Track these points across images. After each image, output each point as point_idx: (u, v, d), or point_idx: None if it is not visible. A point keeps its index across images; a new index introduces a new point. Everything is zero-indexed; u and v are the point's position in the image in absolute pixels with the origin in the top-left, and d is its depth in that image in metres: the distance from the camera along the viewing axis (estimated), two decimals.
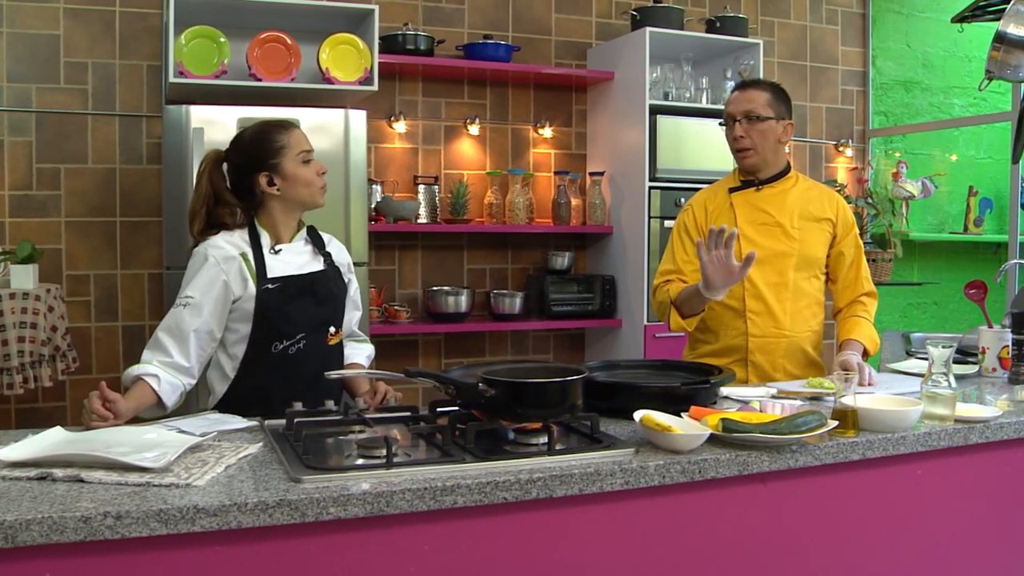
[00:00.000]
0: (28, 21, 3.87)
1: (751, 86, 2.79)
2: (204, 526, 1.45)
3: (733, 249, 2.43)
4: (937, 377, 2.07)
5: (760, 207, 2.79)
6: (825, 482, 1.92)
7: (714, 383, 2.10)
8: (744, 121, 2.71)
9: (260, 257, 2.30)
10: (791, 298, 2.76)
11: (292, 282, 2.32)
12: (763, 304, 2.74)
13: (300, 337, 2.29)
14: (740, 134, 2.72)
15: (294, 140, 2.32)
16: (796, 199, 2.80)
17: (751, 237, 2.74)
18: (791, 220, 2.77)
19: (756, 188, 2.80)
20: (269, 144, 2.30)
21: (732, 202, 2.81)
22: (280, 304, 2.27)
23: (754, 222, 2.77)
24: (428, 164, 4.59)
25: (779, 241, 2.76)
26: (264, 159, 2.30)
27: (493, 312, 4.53)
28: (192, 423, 1.98)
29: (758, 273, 2.71)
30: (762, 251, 2.70)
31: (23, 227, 3.89)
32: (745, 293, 2.73)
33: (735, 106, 2.75)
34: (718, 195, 2.86)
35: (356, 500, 1.52)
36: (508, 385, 1.77)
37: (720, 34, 4.57)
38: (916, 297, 5.51)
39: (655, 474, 1.71)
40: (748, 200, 2.80)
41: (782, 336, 2.75)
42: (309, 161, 2.33)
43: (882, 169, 5.30)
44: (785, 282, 2.75)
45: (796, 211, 2.78)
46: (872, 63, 5.39)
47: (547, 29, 4.77)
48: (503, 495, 1.60)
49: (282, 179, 2.31)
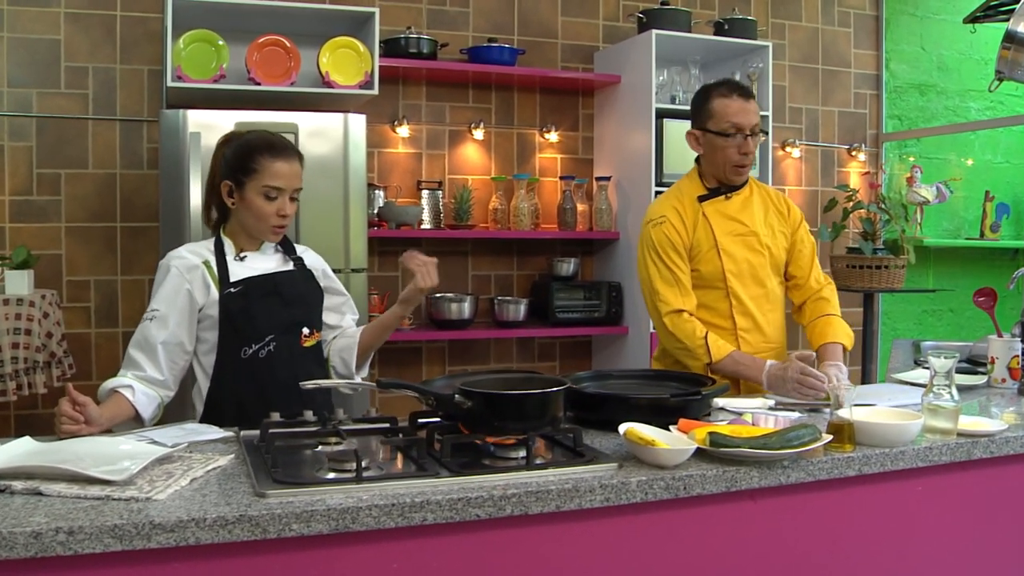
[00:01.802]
0: (29, 26, 3.86)
1: (751, 95, 2.65)
2: (161, 542, 1.40)
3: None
4: (939, 389, 1.99)
5: (733, 216, 2.68)
6: (819, 499, 1.84)
7: (705, 395, 2.03)
8: (751, 136, 2.59)
9: (223, 264, 2.27)
10: (772, 308, 2.70)
11: (255, 283, 2.27)
12: (751, 320, 2.65)
13: (269, 339, 2.24)
14: (752, 150, 2.60)
15: (270, 170, 2.22)
16: (757, 205, 2.72)
17: (730, 250, 2.64)
18: (762, 227, 2.69)
19: (726, 197, 2.69)
20: (246, 161, 2.24)
21: (704, 212, 2.67)
22: (244, 307, 2.23)
23: (730, 233, 2.66)
24: (432, 169, 4.54)
25: (755, 251, 2.67)
26: (235, 171, 2.26)
27: (497, 319, 4.47)
28: (166, 433, 1.93)
29: (741, 287, 2.64)
30: (742, 263, 2.64)
31: (23, 232, 3.87)
32: (732, 310, 2.64)
33: (745, 118, 2.59)
34: (686, 206, 2.67)
35: (320, 516, 1.46)
36: (485, 397, 1.71)
37: (728, 36, 4.50)
38: (931, 304, 5.40)
39: (637, 490, 1.64)
40: (719, 210, 2.68)
41: (770, 349, 2.67)
42: (274, 198, 2.24)
43: (896, 174, 5.20)
44: (766, 292, 2.68)
45: (762, 217, 2.70)
46: (885, 66, 5.29)
47: (553, 32, 4.71)
48: (475, 512, 1.54)
49: (240, 198, 2.27)
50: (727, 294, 2.64)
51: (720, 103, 2.62)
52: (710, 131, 2.63)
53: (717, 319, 2.63)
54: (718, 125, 2.61)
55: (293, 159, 2.28)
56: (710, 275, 2.64)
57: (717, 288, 2.64)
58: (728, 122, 2.60)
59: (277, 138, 2.30)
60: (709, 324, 2.62)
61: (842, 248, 4.70)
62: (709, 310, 2.64)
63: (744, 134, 2.59)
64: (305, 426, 1.92)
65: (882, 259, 4.46)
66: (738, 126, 2.58)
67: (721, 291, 2.64)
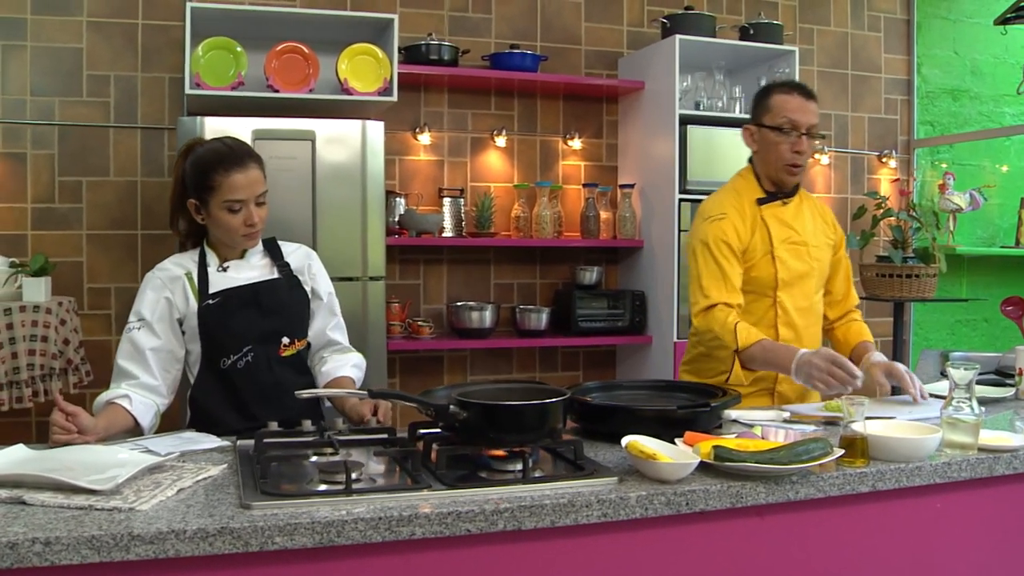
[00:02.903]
0: (52, 35, 3.89)
1: (812, 95, 2.54)
2: (140, 554, 1.36)
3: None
4: (959, 402, 1.90)
5: (787, 223, 2.59)
6: (831, 517, 1.77)
7: (714, 406, 1.96)
8: (806, 136, 2.50)
9: (204, 275, 2.26)
10: (813, 322, 2.62)
11: (233, 294, 2.24)
12: (794, 331, 2.57)
13: (247, 350, 2.21)
14: (805, 149, 2.51)
15: (227, 185, 2.17)
16: (808, 214, 2.64)
17: (784, 258, 2.55)
18: (812, 238, 2.61)
19: (783, 202, 2.60)
20: (203, 179, 2.20)
21: (763, 216, 2.58)
22: (221, 318, 2.21)
23: (786, 241, 2.57)
24: (454, 176, 4.51)
25: (804, 261, 2.58)
26: (196, 189, 2.23)
27: (519, 328, 4.42)
28: (162, 442, 1.91)
29: (789, 298, 2.56)
30: (793, 274, 2.56)
31: (45, 239, 3.90)
32: (777, 320, 2.56)
33: (803, 116, 2.49)
34: (745, 206, 2.58)
35: (304, 529, 1.42)
36: (481, 408, 1.66)
37: (754, 41, 4.42)
38: (965, 314, 5.26)
39: (637, 506, 1.58)
40: (776, 215, 2.59)
41: None
42: (238, 210, 2.20)
43: (928, 181, 5.07)
44: (811, 305, 2.61)
45: (811, 228, 2.62)
46: (917, 71, 5.17)
47: (577, 38, 4.66)
48: (466, 527, 1.49)
49: (207, 215, 2.24)
50: (774, 303, 2.55)
51: (779, 98, 2.54)
52: (765, 126, 2.54)
53: (761, 328, 2.54)
54: (774, 120, 2.52)
55: (249, 167, 2.20)
56: (762, 282, 2.55)
57: (766, 296, 2.56)
58: (784, 117, 2.51)
59: (229, 148, 2.23)
60: None
61: (872, 257, 4.59)
62: (754, 317, 2.55)
63: (799, 132, 2.49)
64: (302, 436, 1.88)
65: (912, 268, 4.35)
66: (794, 123, 2.49)
67: (769, 300, 2.56)
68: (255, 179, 2.22)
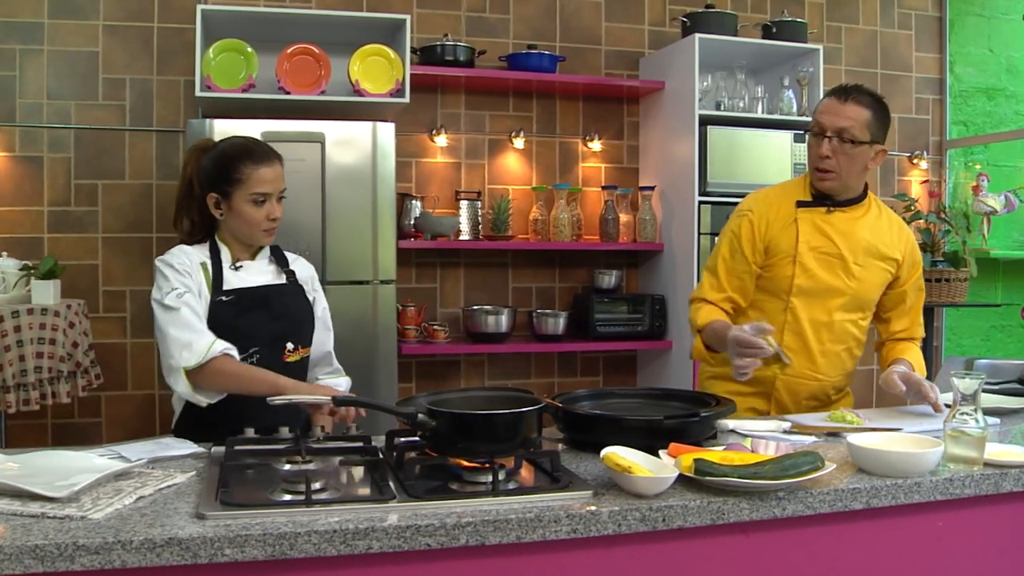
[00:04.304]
0: (68, 39, 3.91)
1: (852, 97, 2.37)
2: (84, 564, 1.32)
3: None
4: (963, 414, 1.80)
5: (825, 232, 2.44)
6: (821, 535, 1.68)
7: (704, 416, 1.87)
8: (835, 139, 2.35)
9: (219, 271, 2.23)
10: (831, 340, 2.47)
11: (247, 294, 2.23)
12: (801, 341, 2.45)
13: (253, 351, 2.17)
14: (827, 153, 2.37)
15: (255, 178, 2.19)
16: (866, 231, 2.46)
17: (807, 265, 2.43)
18: (855, 255, 2.44)
19: (827, 210, 2.46)
20: (230, 171, 2.20)
21: (797, 219, 2.46)
22: (233, 316, 2.17)
23: (815, 248, 2.44)
24: (471, 179, 4.45)
25: (836, 276, 2.44)
26: (219, 182, 2.22)
27: (536, 332, 4.35)
28: (135, 448, 1.87)
29: (803, 307, 2.44)
30: (815, 283, 2.44)
31: (61, 242, 3.92)
32: (786, 327, 2.44)
33: (829, 118, 2.37)
34: (783, 206, 2.48)
35: (255, 541, 1.37)
36: (450, 417, 1.60)
37: (777, 40, 4.31)
38: (1000, 319, 5.08)
39: (609, 521, 1.51)
40: (814, 221, 2.45)
41: (814, 379, 2.47)
42: (262, 203, 2.21)
43: (961, 182, 4.91)
44: (830, 322, 2.46)
45: (863, 245, 2.45)
46: (950, 69, 5.01)
47: (596, 38, 4.59)
48: (426, 541, 1.43)
49: (228, 208, 2.23)
50: (786, 307, 2.45)
51: (822, 102, 2.45)
52: (807, 129, 2.49)
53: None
54: (811, 124, 2.46)
55: (274, 162, 2.24)
56: (777, 283, 2.46)
57: (780, 299, 2.46)
58: (815, 120, 2.43)
59: (256, 143, 2.27)
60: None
61: None
62: (766, 318, 2.43)
63: (825, 135, 2.37)
64: (277, 443, 1.83)
65: (942, 272, 4.21)
66: (820, 125, 2.39)
67: (782, 303, 2.45)
68: (279, 175, 2.26)
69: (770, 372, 2.45)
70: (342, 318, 3.60)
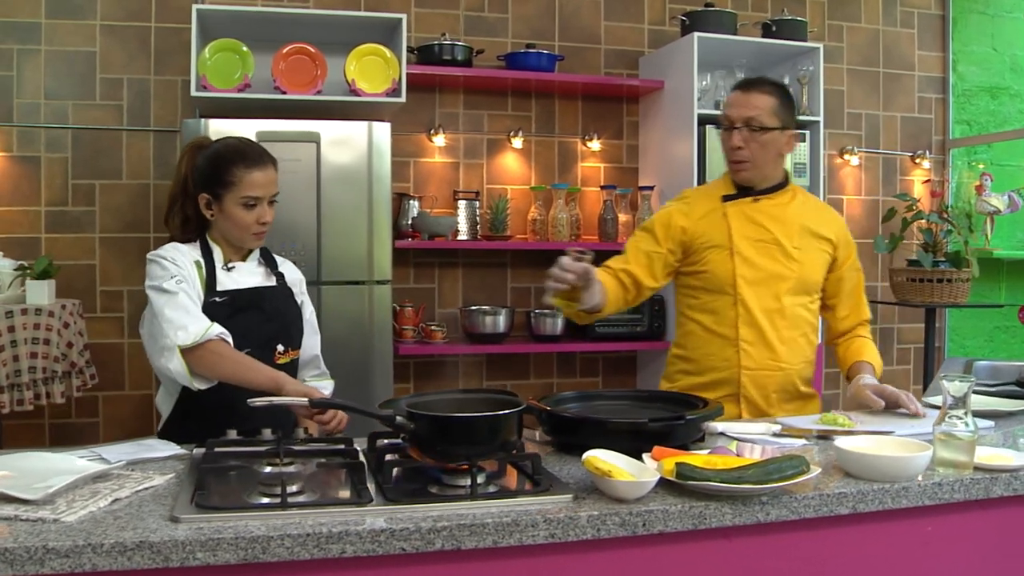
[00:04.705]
0: (66, 39, 3.91)
1: (755, 88, 2.45)
2: (54, 568, 1.31)
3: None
4: (953, 417, 1.77)
5: (757, 220, 2.48)
6: (807, 540, 1.65)
7: (690, 419, 1.85)
8: (744, 129, 2.41)
9: (212, 270, 2.22)
10: (786, 326, 2.46)
11: (240, 295, 2.23)
12: (757, 332, 2.43)
13: (246, 352, 2.16)
14: (739, 144, 2.42)
15: (247, 182, 2.19)
16: (796, 214, 2.50)
17: (746, 255, 2.44)
18: (791, 239, 2.47)
19: (753, 199, 2.49)
20: (222, 173, 2.20)
21: (726, 212, 2.50)
22: (226, 317, 2.16)
23: (750, 237, 2.46)
24: (470, 179, 4.44)
25: (777, 261, 2.45)
26: (211, 183, 2.21)
27: (534, 333, 4.33)
28: (116, 450, 1.86)
29: (752, 297, 2.43)
30: (758, 271, 2.43)
31: (59, 243, 3.92)
32: (738, 319, 2.43)
33: (735, 110, 2.43)
34: (711, 200, 2.53)
35: (227, 545, 1.36)
36: (428, 419, 1.58)
37: (777, 38, 4.28)
38: (1004, 320, 5.03)
39: (588, 526, 1.49)
40: (744, 212, 2.49)
41: (777, 368, 2.45)
42: (253, 206, 2.20)
43: (964, 182, 4.87)
44: (781, 308, 2.45)
45: (796, 228, 2.48)
46: (952, 68, 4.97)
47: (596, 37, 4.57)
48: (400, 545, 1.41)
49: (219, 210, 2.22)
50: (735, 301, 2.43)
51: (727, 97, 2.53)
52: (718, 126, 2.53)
53: (722, 327, 2.45)
54: (721, 117, 2.52)
55: (267, 166, 2.23)
56: (720, 278, 2.45)
57: (726, 294, 2.44)
58: (723, 115, 2.49)
59: (250, 146, 2.25)
60: (713, 332, 2.47)
61: (902, 261, 4.42)
62: (715, 316, 2.46)
63: (734, 127, 2.42)
64: (258, 445, 1.82)
65: (944, 272, 4.18)
66: (728, 118, 2.45)
67: (730, 297, 2.44)
68: (272, 179, 2.25)
69: (732, 371, 2.44)
70: (337, 318, 3.62)
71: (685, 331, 2.56)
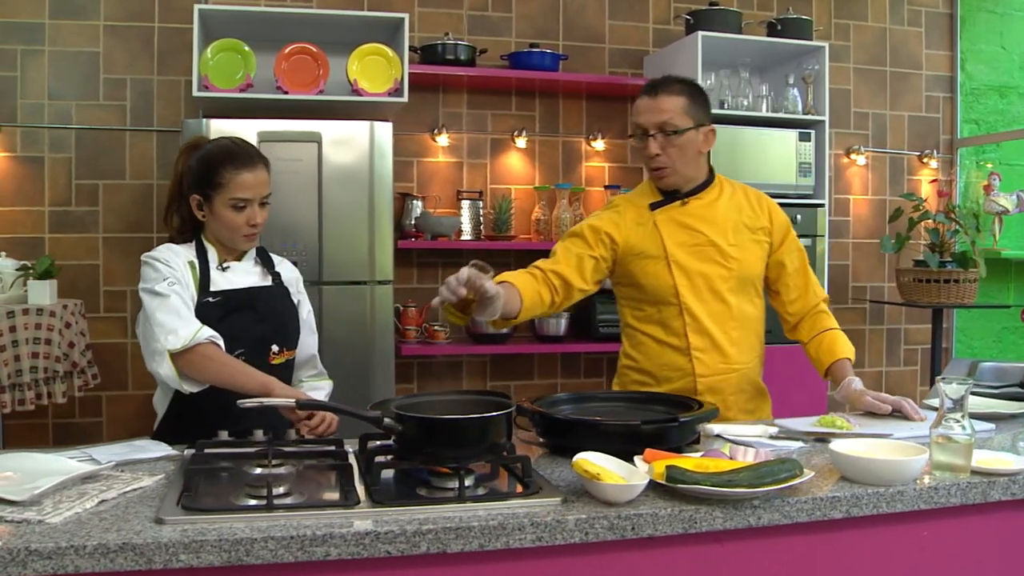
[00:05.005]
0: (70, 39, 3.92)
1: (663, 90, 2.34)
2: (37, 569, 1.31)
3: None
4: (950, 420, 1.75)
5: (688, 225, 2.39)
6: (800, 544, 1.63)
7: (684, 421, 1.83)
8: (659, 135, 2.32)
9: (206, 270, 2.22)
10: (736, 326, 2.41)
11: (233, 296, 2.21)
12: (708, 339, 2.38)
13: (239, 354, 2.15)
14: (655, 151, 2.33)
15: (236, 183, 2.17)
16: (727, 210, 2.41)
17: (683, 263, 2.37)
18: (725, 236, 2.39)
19: (682, 202, 2.41)
20: (211, 175, 2.18)
21: (656, 221, 2.40)
22: (219, 318, 2.16)
23: (684, 244, 2.38)
24: (474, 179, 4.43)
25: (715, 263, 2.38)
26: (201, 184, 2.20)
27: (538, 334, 4.32)
28: (108, 450, 1.86)
29: (698, 303, 2.37)
30: (698, 278, 2.37)
31: (62, 243, 3.93)
32: (687, 328, 2.38)
33: (646, 116, 2.33)
34: (641, 210, 2.43)
35: (211, 547, 1.35)
36: (416, 421, 1.57)
37: (782, 37, 4.25)
38: (1012, 321, 4.98)
39: (576, 530, 1.47)
40: (673, 218, 2.40)
41: (732, 371, 2.40)
42: (243, 208, 2.19)
43: (972, 182, 4.83)
44: (728, 309, 2.39)
45: (729, 224, 2.40)
46: (961, 67, 4.93)
47: (600, 37, 4.55)
48: (385, 548, 1.40)
49: (209, 211, 2.22)
50: (681, 311, 2.37)
51: (635, 104, 2.39)
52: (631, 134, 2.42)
53: (671, 337, 2.39)
54: (631, 128, 2.41)
55: (258, 167, 2.21)
56: (661, 290, 2.38)
57: (671, 304, 2.38)
58: (633, 121, 2.39)
59: (240, 147, 2.24)
60: (663, 342, 2.40)
61: (909, 261, 4.38)
62: (664, 327, 2.40)
63: (648, 134, 2.32)
64: (249, 446, 1.81)
65: (951, 272, 4.14)
66: (640, 126, 2.35)
67: (675, 307, 2.38)
68: (262, 180, 2.23)
69: (686, 380, 2.40)
70: (338, 319, 3.61)
71: (636, 342, 2.48)
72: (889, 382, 4.90)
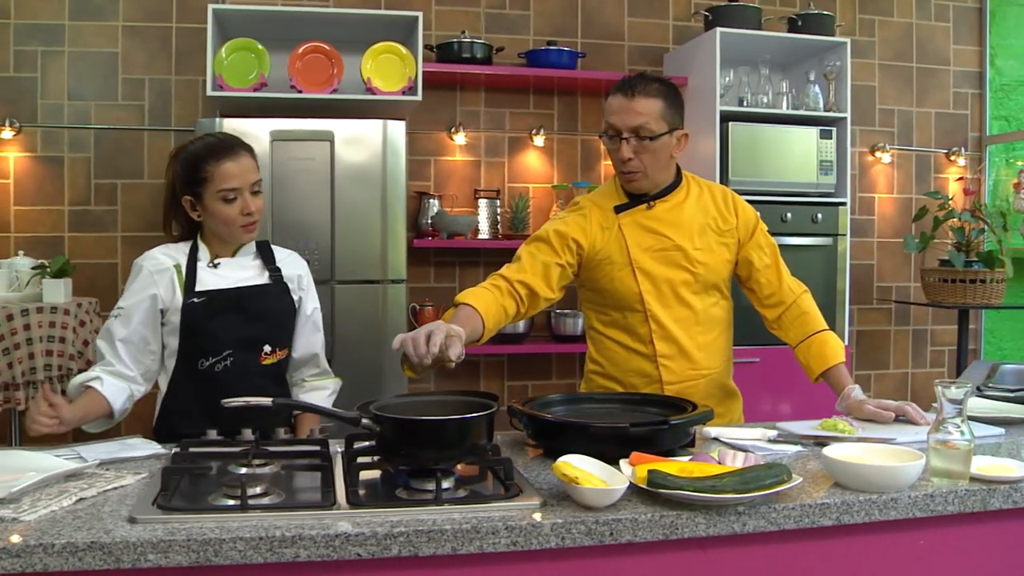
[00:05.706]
0: (89, 40, 3.96)
1: (639, 91, 2.21)
2: (5, 568, 1.31)
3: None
4: (948, 425, 1.69)
5: (654, 229, 2.31)
6: (788, 552, 1.59)
7: (674, 423, 1.80)
8: (632, 139, 2.21)
9: (193, 270, 2.21)
10: (702, 331, 2.34)
11: (218, 296, 2.20)
12: (674, 345, 2.31)
13: (227, 354, 2.15)
14: (628, 155, 2.22)
15: (220, 174, 2.16)
16: (693, 213, 2.33)
17: (648, 269, 2.29)
18: (691, 240, 2.31)
19: (648, 206, 2.34)
20: (196, 172, 2.18)
21: (620, 224, 2.32)
22: (204, 318, 2.15)
23: (649, 249, 2.30)
24: (491, 177, 4.41)
25: (680, 268, 2.30)
26: (190, 184, 2.20)
27: (555, 333, 4.29)
28: (96, 448, 1.86)
29: (663, 309, 2.30)
30: (661, 283, 2.30)
31: (81, 242, 3.97)
32: (652, 335, 2.31)
33: (620, 118, 2.21)
34: (605, 211, 2.33)
35: (179, 547, 1.34)
36: (394, 422, 1.55)
37: (803, 33, 4.18)
38: None
39: (552, 535, 1.44)
40: (638, 222, 2.32)
41: (700, 376, 2.34)
42: (233, 199, 2.17)
43: (1002, 179, 4.71)
44: (693, 314, 2.32)
45: (696, 227, 2.31)
46: (990, 62, 4.81)
47: (619, 34, 4.51)
48: (356, 551, 1.38)
49: (203, 209, 2.21)
50: (647, 317, 2.31)
51: (609, 100, 2.27)
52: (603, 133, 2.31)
53: (637, 344, 2.33)
54: (603, 125, 2.29)
55: (240, 155, 2.19)
56: (626, 295, 2.31)
57: (636, 311, 2.32)
58: (605, 120, 2.27)
59: (220, 140, 2.23)
60: (630, 349, 2.33)
61: (934, 261, 4.29)
62: (630, 334, 2.33)
63: (619, 136, 2.22)
64: (234, 446, 1.80)
65: (976, 272, 4.05)
66: (613, 127, 2.23)
67: (640, 313, 2.31)
68: (247, 167, 2.21)
69: (653, 387, 2.33)
70: (352, 318, 3.61)
71: (602, 347, 2.41)
72: (915, 384, 4.80)
